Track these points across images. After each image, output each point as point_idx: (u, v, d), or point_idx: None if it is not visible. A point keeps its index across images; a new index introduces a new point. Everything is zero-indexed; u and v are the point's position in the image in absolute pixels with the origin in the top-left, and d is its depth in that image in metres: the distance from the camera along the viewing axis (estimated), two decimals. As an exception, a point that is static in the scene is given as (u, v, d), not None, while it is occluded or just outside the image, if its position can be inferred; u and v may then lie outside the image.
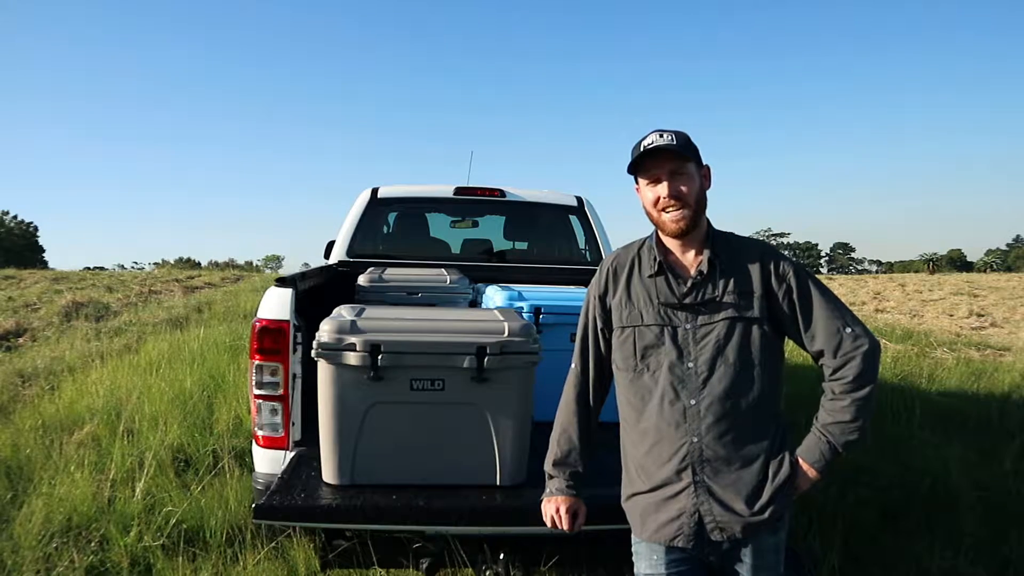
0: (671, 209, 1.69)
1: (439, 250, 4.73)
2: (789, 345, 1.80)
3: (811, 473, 1.69)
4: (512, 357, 2.22)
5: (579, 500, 1.83)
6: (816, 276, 1.74)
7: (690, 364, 1.66)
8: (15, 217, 71.64)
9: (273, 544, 3.07)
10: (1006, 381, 6.93)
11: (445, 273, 3.65)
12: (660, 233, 1.76)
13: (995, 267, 79.08)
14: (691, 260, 1.73)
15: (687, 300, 1.69)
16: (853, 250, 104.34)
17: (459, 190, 4.57)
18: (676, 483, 1.67)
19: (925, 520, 3.56)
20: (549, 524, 1.84)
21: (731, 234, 1.79)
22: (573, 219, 4.81)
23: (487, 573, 2.35)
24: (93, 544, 3.06)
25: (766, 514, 1.64)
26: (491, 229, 4.99)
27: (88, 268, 35.05)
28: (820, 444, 1.67)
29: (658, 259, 1.73)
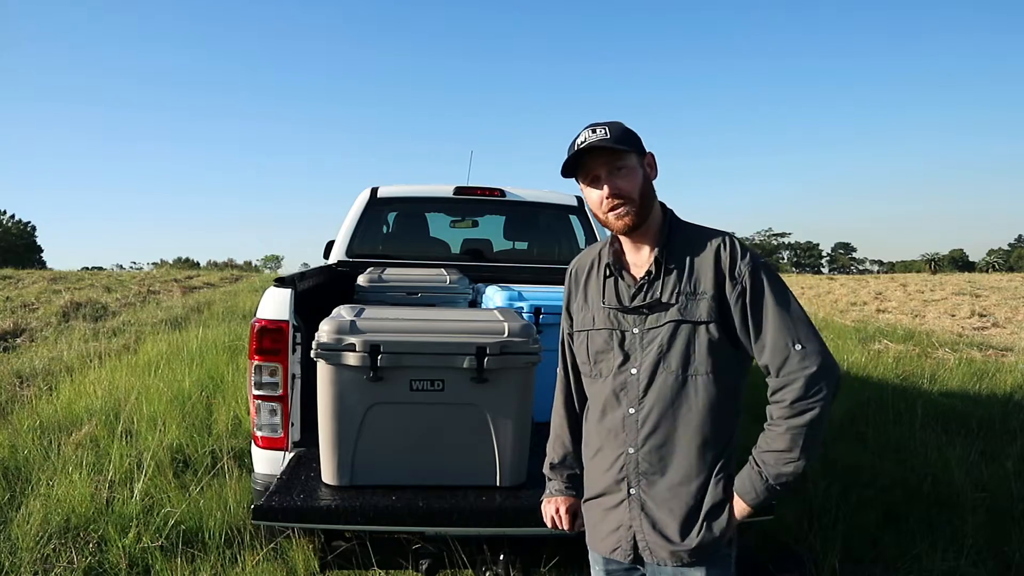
0: (615, 207, 1.55)
1: (439, 250, 4.72)
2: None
3: (740, 506, 1.52)
4: (512, 357, 2.21)
5: (578, 500, 1.79)
6: (779, 277, 1.53)
7: (633, 371, 1.55)
8: (13, 217, 71.71)
9: (272, 545, 3.05)
10: (1008, 382, 6.92)
11: (445, 273, 3.64)
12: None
13: (997, 267, 79.15)
14: (643, 259, 1.60)
15: (635, 302, 1.57)
16: (854, 250, 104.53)
17: (459, 190, 4.56)
18: (615, 493, 1.59)
19: (926, 521, 3.54)
20: (549, 525, 1.82)
21: (693, 226, 1.62)
22: (573, 219, 4.81)
23: (487, 574, 2.34)
24: (91, 545, 3.05)
25: (693, 545, 1.51)
26: (491, 229, 4.99)
27: (86, 268, 35.08)
28: (751, 474, 1.49)
29: (606, 260, 1.64)
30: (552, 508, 1.81)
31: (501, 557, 2.33)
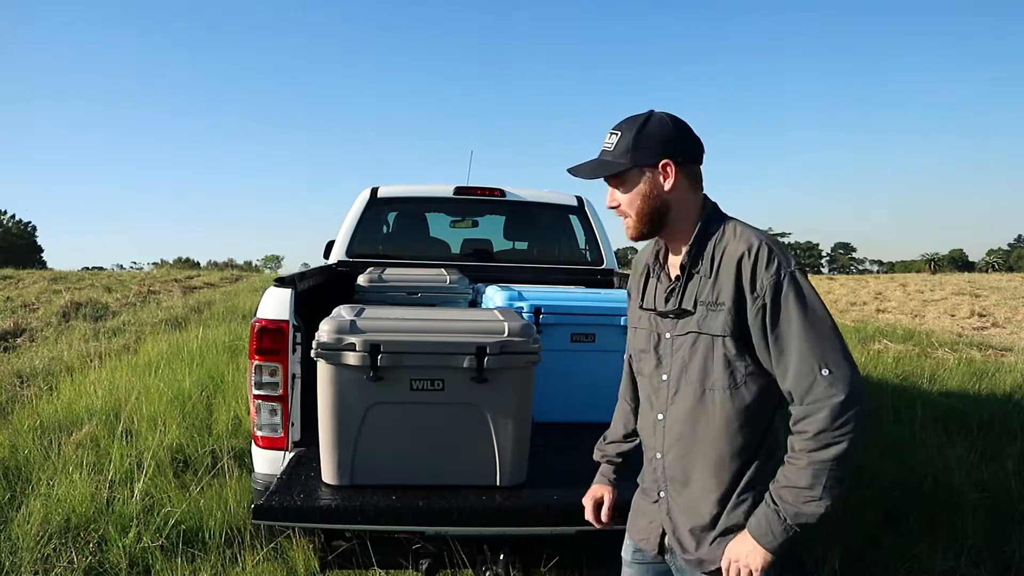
0: (619, 216, 1.56)
1: (439, 250, 4.72)
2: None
3: (758, 552, 1.38)
4: (512, 357, 2.21)
5: (615, 490, 1.80)
6: (810, 289, 1.38)
7: (664, 376, 1.54)
8: (13, 217, 71.68)
9: (272, 545, 3.05)
10: (1008, 382, 6.92)
11: (445, 273, 3.64)
12: None
13: (997, 267, 79.02)
14: (678, 260, 1.54)
15: (667, 306, 1.53)
16: (854, 250, 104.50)
17: (459, 190, 4.56)
18: (653, 491, 1.62)
19: (927, 521, 3.54)
20: (587, 516, 1.82)
21: (732, 225, 1.50)
22: (573, 219, 4.81)
23: (487, 574, 2.34)
24: (91, 545, 3.05)
25: (704, 559, 1.49)
26: (491, 229, 4.99)
27: (87, 268, 35.08)
28: (768, 513, 1.38)
29: (647, 261, 1.63)
30: (588, 500, 1.82)
31: (501, 557, 2.33)
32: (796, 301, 1.37)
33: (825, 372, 1.33)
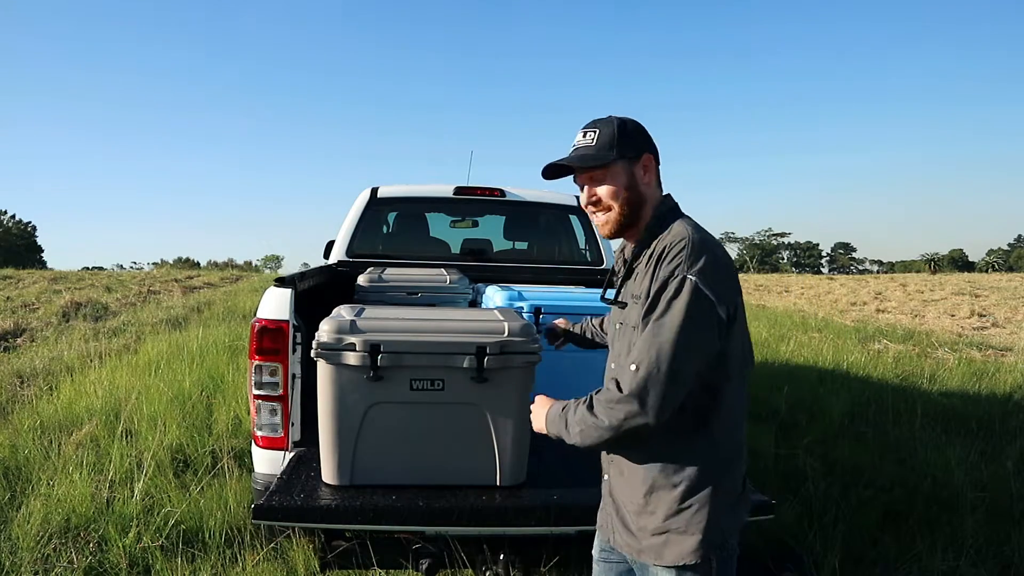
0: (595, 215, 1.62)
1: (439, 250, 4.72)
2: (790, 347, 1.76)
3: (540, 421, 1.65)
4: (512, 357, 2.21)
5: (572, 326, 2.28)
6: (690, 303, 1.39)
7: (612, 364, 1.66)
8: (13, 217, 71.69)
9: (272, 545, 3.06)
10: (1008, 382, 6.92)
11: (445, 273, 3.64)
12: None
13: (997, 267, 79.07)
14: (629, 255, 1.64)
15: (616, 298, 1.65)
16: (854, 250, 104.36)
17: (459, 190, 4.56)
18: (604, 473, 1.70)
19: (926, 521, 3.55)
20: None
21: (679, 223, 1.54)
22: (573, 219, 4.81)
23: (487, 574, 2.34)
24: (91, 545, 3.05)
25: (641, 548, 1.55)
26: (491, 229, 4.99)
27: (87, 268, 35.08)
28: (559, 411, 1.58)
29: (613, 254, 1.80)
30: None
31: (501, 557, 2.33)
32: (670, 302, 1.41)
33: (633, 368, 1.42)
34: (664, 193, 1.63)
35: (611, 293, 1.71)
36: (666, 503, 1.51)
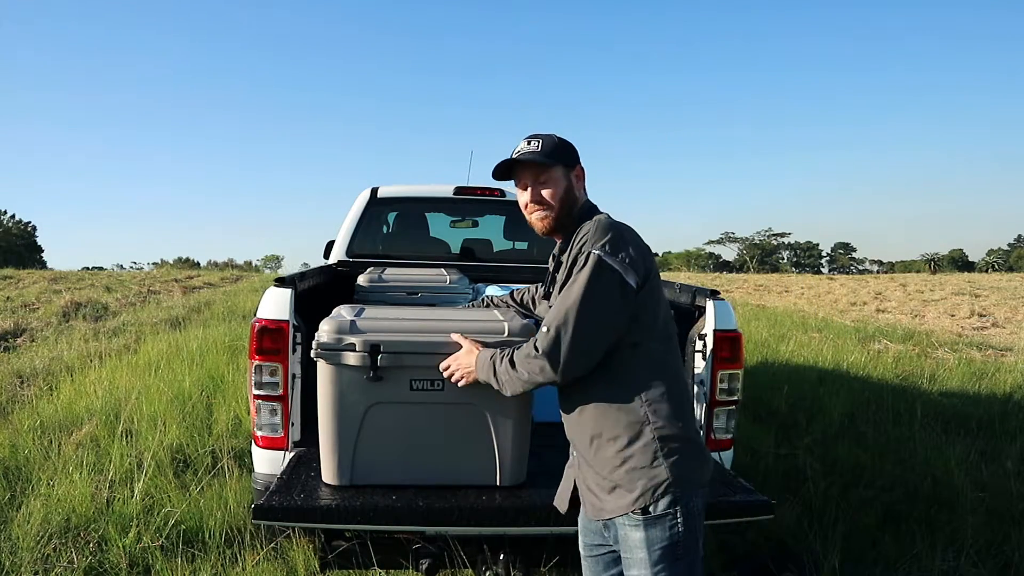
0: (536, 212, 1.84)
1: (439, 250, 4.72)
2: (790, 346, 1.78)
3: (472, 371, 1.92)
4: (512, 357, 2.20)
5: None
6: (595, 277, 1.61)
7: None
8: (13, 217, 71.63)
9: (272, 545, 3.06)
10: (1008, 382, 6.92)
11: (445, 273, 3.64)
12: None
13: (997, 267, 79.04)
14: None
15: (551, 288, 1.90)
16: (854, 250, 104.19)
17: (459, 190, 4.56)
18: (572, 450, 1.84)
19: (926, 521, 3.55)
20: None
21: (595, 217, 1.76)
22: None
23: (487, 574, 2.34)
24: (91, 545, 3.05)
25: (604, 508, 1.69)
26: (491, 229, 4.99)
27: (87, 268, 35.06)
28: (490, 357, 1.83)
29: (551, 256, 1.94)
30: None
31: (501, 557, 2.33)
32: (577, 275, 1.65)
33: (545, 329, 1.65)
34: (586, 198, 1.88)
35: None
36: (610, 456, 1.66)
